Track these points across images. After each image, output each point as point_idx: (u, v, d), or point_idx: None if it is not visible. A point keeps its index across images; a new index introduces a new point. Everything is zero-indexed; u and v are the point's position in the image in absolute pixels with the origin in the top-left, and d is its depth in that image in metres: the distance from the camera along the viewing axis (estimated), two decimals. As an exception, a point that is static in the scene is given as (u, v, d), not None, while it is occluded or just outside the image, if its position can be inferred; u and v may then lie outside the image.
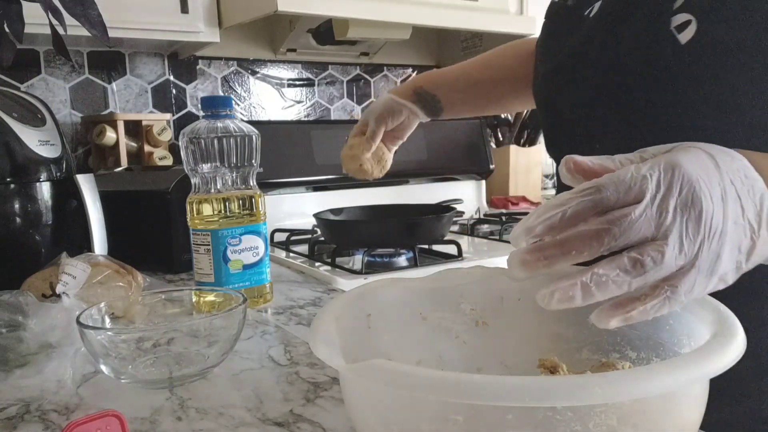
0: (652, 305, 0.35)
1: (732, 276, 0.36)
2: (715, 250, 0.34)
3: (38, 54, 1.43)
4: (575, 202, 0.35)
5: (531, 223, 0.36)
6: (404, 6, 1.37)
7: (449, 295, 0.53)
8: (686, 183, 0.34)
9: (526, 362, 0.52)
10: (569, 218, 0.35)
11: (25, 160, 0.88)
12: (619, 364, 0.44)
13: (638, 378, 0.30)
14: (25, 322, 0.67)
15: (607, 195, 0.35)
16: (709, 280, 0.35)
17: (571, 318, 0.51)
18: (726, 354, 0.32)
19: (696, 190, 0.34)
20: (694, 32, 0.51)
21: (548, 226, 0.35)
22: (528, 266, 0.36)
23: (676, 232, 0.34)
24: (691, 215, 0.34)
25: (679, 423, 0.35)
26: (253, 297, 0.86)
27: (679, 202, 0.34)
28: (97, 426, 0.43)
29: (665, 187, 0.34)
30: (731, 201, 0.35)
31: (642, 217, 0.34)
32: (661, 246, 0.34)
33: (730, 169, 0.36)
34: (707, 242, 0.34)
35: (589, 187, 0.35)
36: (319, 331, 0.40)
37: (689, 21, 0.51)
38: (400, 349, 0.50)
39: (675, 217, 0.34)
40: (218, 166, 0.82)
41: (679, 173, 0.34)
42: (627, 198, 0.34)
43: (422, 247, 1.29)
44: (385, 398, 0.36)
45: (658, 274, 0.34)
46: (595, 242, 0.34)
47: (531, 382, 0.30)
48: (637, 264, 0.34)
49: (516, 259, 0.36)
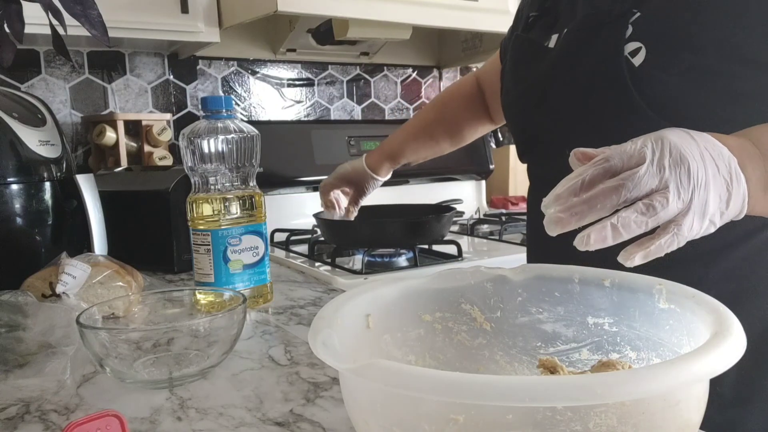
0: (665, 240, 0.44)
1: (718, 219, 0.45)
2: (704, 197, 0.44)
3: (38, 54, 1.43)
4: (591, 170, 0.44)
5: (558, 191, 0.44)
6: (404, 6, 1.37)
7: (449, 296, 0.53)
8: (674, 147, 0.44)
9: (526, 363, 0.52)
10: (588, 183, 0.44)
11: (25, 160, 0.88)
12: (619, 365, 0.44)
13: (638, 378, 0.30)
14: (25, 322, 0.67)
15: (614, 162, 0.44)
16: (703, 221, 0.44)
17: (571, 318, 0.51)
18: (726, 354, 0.32)
19: (682, 152, 0.44)
20: (644, 57, 0.61)
21: (572, 190, 0.44)
22: (562, 223, 0.44)
23: (673, 182, 0.43)
24: (682, 170, 0.43)
25: (679, 423, 0.35)
26: (253, 297, 0.86)
27: (672, 161, 0.44)
28: (97, 426, 0.43)
29: (659, 151, 0.44)
30: (708, 161, 0.45)
31: (647, 173, 0.43)
32: (664, 193, 0.43)
33: (702, 139, 0.46)
34: (697, 191, 0.44)
35: (600, 158, 0.44)
36: (320, 331, 0.40)
37: (639, 48, 0.61)
38: (399, 349, 0.50)
39: (671, 172, 0.43)
40: (218, 166, 0.82)
41: (667, 141, 0.44)
42: (630, 163, 0.44)
43: (422, 247, 1.29)
44: (385, 398, 0.36)
45: (667, 215, 0.43)
46: (614, 195, 0.43)
47: (531, 382, 0.30)
48: (650, 208, 0.43)
49: (551, 218, 0.44)
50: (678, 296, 0.45)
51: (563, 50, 0.70)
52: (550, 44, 0.72)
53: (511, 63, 0.82)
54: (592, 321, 0.50)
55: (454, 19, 1.46)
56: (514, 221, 1.59)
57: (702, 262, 0.62)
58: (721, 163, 0.45)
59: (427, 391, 0.31)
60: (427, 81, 1.98)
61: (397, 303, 0.51)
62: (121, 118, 1.43)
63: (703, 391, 0.36)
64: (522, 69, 0.78)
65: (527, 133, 0.80)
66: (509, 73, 0.82)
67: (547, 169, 0.56)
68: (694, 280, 0.48)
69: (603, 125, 0.65)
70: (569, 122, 0.70)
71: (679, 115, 0.58)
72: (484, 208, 1.91)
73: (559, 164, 0.50)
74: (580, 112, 0.68)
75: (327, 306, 0.45)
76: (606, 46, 0.63)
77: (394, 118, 1.93)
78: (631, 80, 0.61)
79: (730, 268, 0.63)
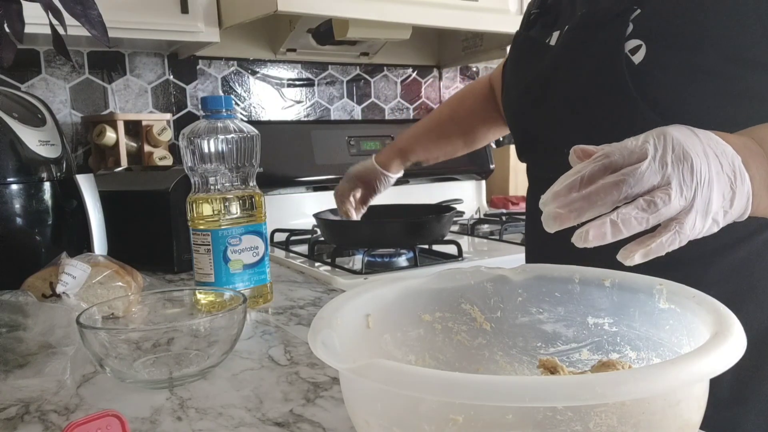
0: (666, 239, 0.43)
1: (721, 218, 0.44)
2: (707, 195, 0.43)
3: (38, 54, 1.43)
4: (591, 166, 0.43)
5: (556, 188, 0.43)
6: (404, 6, 1.37)
7: (449, 296, 0.53)
8: (677, 143, 0.43)
9: (526, 363, 0.52)
10: (587, 179, 0.43)
11: (25, 160, 0.88)
12: (619, 365, 0.44)
13: (638, 378, 0.30)
14: (25, 322, 0.67)
15: (615, 158, 0.43)
16: (705, 220, 0.43)
17: (571, 318, 0.51)
18: (726, 354, 0.32)
19: (686, 148, 0.43)
20: (644, 54, 0.60)
21: (571, 186, 0.43)
22: (560, 219, 0.42)
23: (676, 179, 0.42)
24: (685, 166, 0.42)
25: (679, 423, 0.35)
26: (253, 297, 0.86)
27: (674, 158, 0.42)
28: (97, 426, 0.43)
29: (662, 147, 0.43)
30: (712, 158, 0.44)
31: (648, 169, 0.42)
32: (666, 190, 0.42)
33: (705, 136, 0.45)
34: (700, 188, 0.42)
35: (600, 154, 0.43)
36: (319, 331, 0.40)
37: (640, 45, 0.60)
38: (399, 348, 0.50)
39: (674, 168, 0.42)
40: (218, 166, 0.82)
41: (669, 137, 0.43)
42: (631, 159, 0.43)
43: (422, 247, 1.29)
44: (385, 398, 0.36)
45: (668, 212, 0.42)
46: (615, 191, 0.42)
47: (531, 382, 0.30)
48: (651, 204, 0.41)
49: (549, 215, 0.43)
50: (678, 296, 0.44)
51: (563, 47, 0.69)
52: (551, 41, 0.72)
53: (512, 61, 0.81)
54: (593, 321, 0.50)
55: (454, 19, 1.46)
56: (515, 221, 1.59)
57: (702, 263, 0.62)
58: (725, 161, 0.44)
59: (427, 391, 0.31)
60: (427, 81, 1.98)
61: (397, 303, 0.51)
62: (121, 118, 1.43)
63: (703, 391, 0.36)
64: (523, 67, 0.77)
65: (527, 132, 0.79)
66: (510, 72, 0.82)
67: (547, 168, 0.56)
68: (694, 280, 0.48)
69: (603, 124, 0.65)
70: (569, 120, 0.69)
71: (678, 113, 0.57)
72: (485, 208, 1.91)
73: (558, 163, 0.50)
74: (581, 109, 0.67)
75: (327, 306, 0.45)
76: (606, 43, 0.63)
77: (394, 118, 1.93)
78: (630, 78, 0.60)
79: (730, 269, 0.63)
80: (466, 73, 2.05)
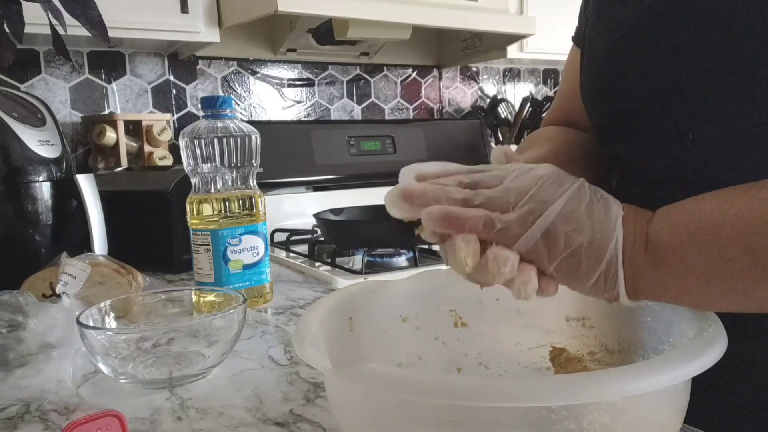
0: None
1: None
2: None
3: (38, 54, 1.43)
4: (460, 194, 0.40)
5: None
6: (404, 6, 1.37)
7: (428, 297, 0.53)
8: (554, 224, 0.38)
9: (506, 362, 0.53)
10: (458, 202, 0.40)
11: (25, 160, 0.88)
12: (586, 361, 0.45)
13: (638, 377, 0.30)
14: (25, 322, 0.67)
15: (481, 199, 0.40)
16: None
17: (550, 316, 0.52)
18: (713, 350, 0.33)
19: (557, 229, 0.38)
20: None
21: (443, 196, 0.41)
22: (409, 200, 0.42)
23: None
24: None
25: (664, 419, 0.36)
26: (253, 297, 0.86)
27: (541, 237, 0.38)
28: (97, 426, 0.43)
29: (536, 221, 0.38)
30: None
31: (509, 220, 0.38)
32: None
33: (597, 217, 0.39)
34: None
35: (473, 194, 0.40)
36: (304, 336, 0.40)
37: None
38: (380, 351, 0.50)
39: None
40: (218, 166, 0.83)
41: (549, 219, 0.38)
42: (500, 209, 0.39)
43: (422, 247, 1.29)
44: (375, 402, 0.36)
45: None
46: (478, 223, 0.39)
47: (531, 383, 0.30)
48: None
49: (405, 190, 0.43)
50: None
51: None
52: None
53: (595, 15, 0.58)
54: (572, 318, 0.51)
55: (454, 19, 1.46)
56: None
57: None
58: None
59: (424, 395, 0.31)
60: (427, 81, 1.98)
61: (378, 305, 0.51)
62: (121, 118, 1.43)
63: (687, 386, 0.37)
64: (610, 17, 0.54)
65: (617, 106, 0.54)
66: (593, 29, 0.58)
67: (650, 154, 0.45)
68: None
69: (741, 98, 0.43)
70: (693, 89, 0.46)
71: None
72: (484, 207, 1.91)
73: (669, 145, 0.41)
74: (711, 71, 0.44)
75: (311, 309, 0.45)
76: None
77: (394, 118, 1.93)
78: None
79: None
80: (466, 73, 2.05)
